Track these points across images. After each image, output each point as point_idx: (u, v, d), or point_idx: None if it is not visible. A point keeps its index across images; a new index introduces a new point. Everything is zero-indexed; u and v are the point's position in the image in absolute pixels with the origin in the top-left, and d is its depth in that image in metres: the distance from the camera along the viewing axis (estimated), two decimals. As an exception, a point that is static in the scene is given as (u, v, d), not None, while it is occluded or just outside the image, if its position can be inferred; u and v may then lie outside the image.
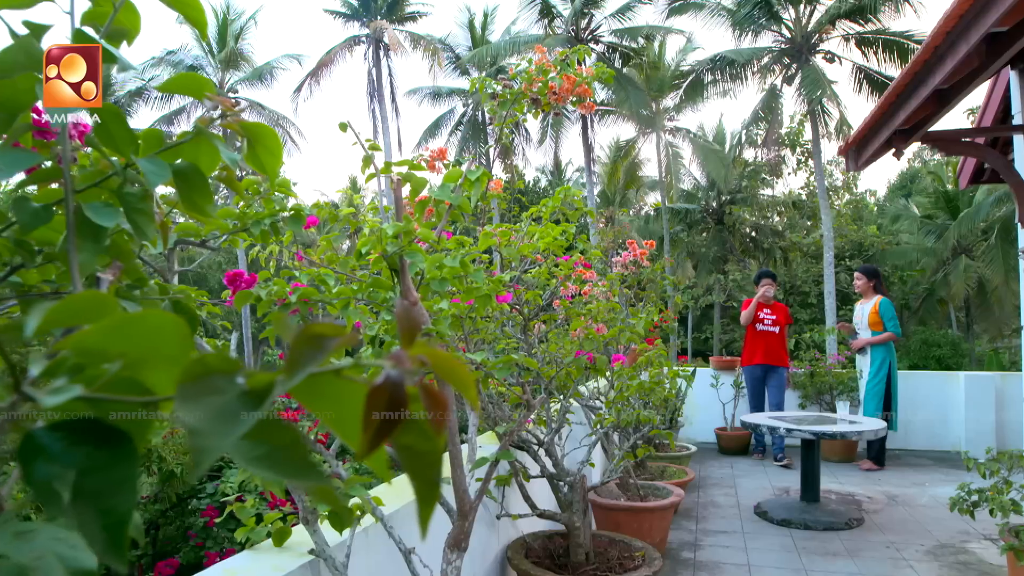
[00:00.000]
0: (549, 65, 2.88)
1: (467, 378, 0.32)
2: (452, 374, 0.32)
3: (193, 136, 0.91)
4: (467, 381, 0.32)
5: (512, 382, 2.79)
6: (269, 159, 0.99)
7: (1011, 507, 3.06)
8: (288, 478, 0.30)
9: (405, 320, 0.32)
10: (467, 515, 1.56)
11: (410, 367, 0.30)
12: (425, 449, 0.31)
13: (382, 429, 0.29)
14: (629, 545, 3.03)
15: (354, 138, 1.72)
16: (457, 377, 0.32)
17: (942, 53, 2.79)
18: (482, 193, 3.27)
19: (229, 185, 1.20)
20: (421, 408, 0.30)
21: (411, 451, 0.31)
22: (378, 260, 1.45)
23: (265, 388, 0.29)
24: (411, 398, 0.30)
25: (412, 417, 0.30)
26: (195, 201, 0.93)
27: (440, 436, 0.31)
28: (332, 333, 0.30)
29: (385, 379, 0.29)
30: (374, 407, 0.28)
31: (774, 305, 6.82)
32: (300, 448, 0.31)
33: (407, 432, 0.30)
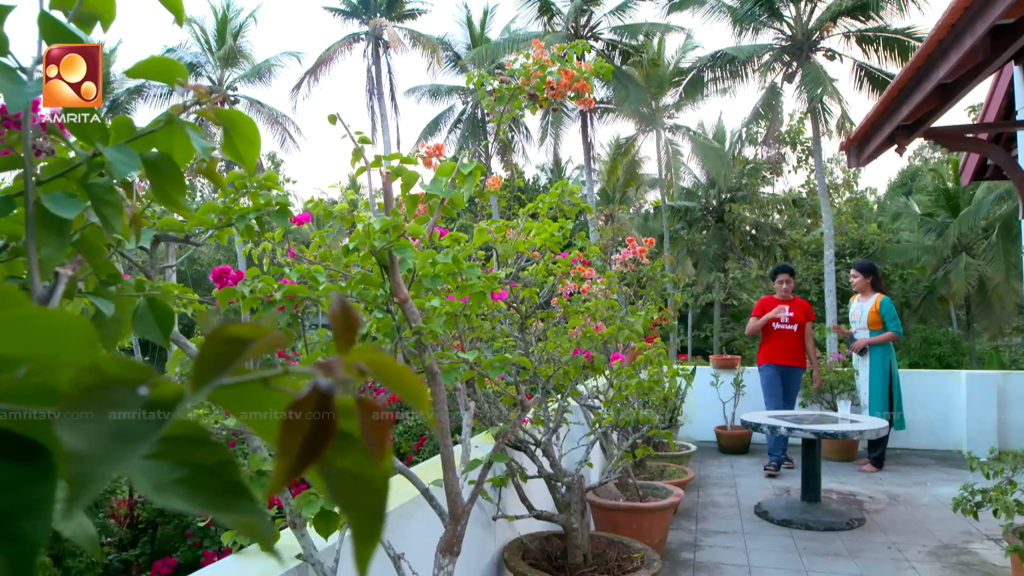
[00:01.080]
0: (547, 60, 2.83)
1: (416, 387, 0.27)
2: (399, 383, 0.27)
3: (165, 124, 0.86)
4: (416, 391, 0.27)
5: (510, 381, 2.74)
6: (247, 148, 0.94)
7: (1016, 508, 3.01)
8: (209, 509, 0.26)
9: (339, 319, 0.27)
10: (459, 519, 1.51)
11: (343, 376, 0.25)
12: (367, 475, 0.27)
13: (306, 451, 0.24)
14: (628, 546, 2.99)
15: (344, 131, 1.67)
16: (404, 386, 0.27)
17: (946, 47, 2.74)
18: (477, 188, 3.22)
19: (210, 178, 1.15)
20: (356, 425, 0.25)
21: (350, 477, 0.27)
22: (367, 256, 1.40)
23: (173, 399, 0.24)
24: (346, 412, 0.25)
25: (348, 436, 0.25)
26: (168, 193, 0.88)
27: (383, 458, 0.26)
28: (251, 335, 0.25)
29: (310, 391, 0.24)
30: (295, 425, 0.24)
31: (793, 301, 6.38)
32: (229, 470, 0.26)
33: (345, 453, 0.26)
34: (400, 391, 0.28)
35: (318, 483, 0.27)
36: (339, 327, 0.27)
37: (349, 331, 0.27)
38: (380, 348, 0.28)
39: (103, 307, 0.97)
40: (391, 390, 0.28)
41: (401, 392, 0.28)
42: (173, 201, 0.89)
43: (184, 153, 0.93)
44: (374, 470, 0.27)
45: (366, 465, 0.26)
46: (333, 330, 0.27)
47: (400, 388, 0.27)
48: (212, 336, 0.25)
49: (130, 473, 0.23)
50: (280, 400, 0.26)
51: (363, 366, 0.26)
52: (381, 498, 0.27)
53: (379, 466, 0.26)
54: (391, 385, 0.27)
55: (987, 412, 6.87)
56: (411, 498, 1.93)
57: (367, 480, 0.27)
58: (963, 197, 22.44)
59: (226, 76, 24.35)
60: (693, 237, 23.37)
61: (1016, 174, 3.86)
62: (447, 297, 1.85)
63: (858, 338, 6.24)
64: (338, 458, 0.26)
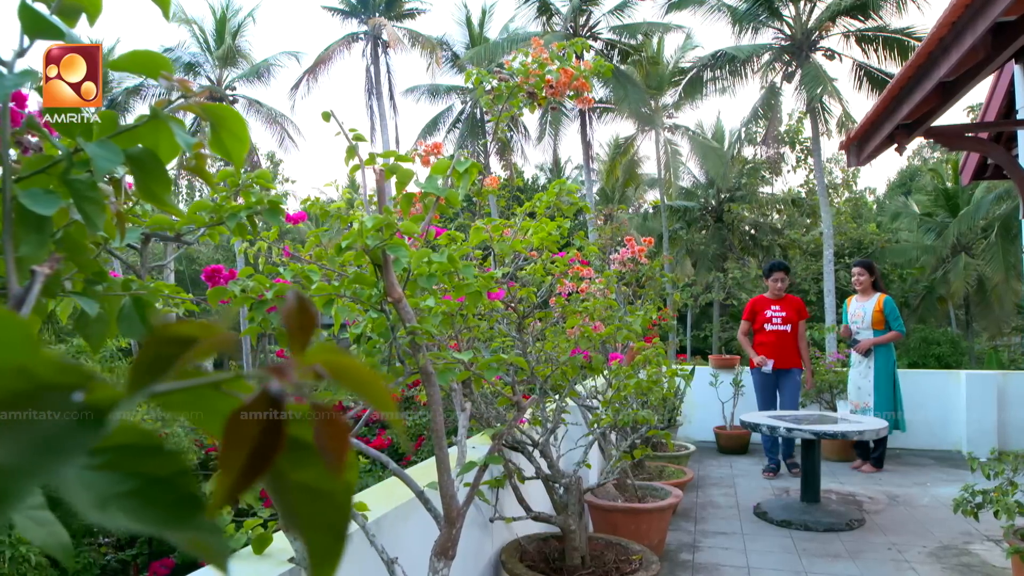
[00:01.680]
0: (546, 59, 2.81)
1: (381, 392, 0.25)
2: (362, 386, 0.25)
3: (149, 119, 0.84)
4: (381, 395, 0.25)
5: (508, 381, 2.72)
6: (235, 144, 0.92)
7: (1017, 509, 2.99)
8: (158, 525, 0.23)
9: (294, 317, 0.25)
10: (454, 522, 1.49)
11: (297, 380, 0.23)
12: (328, 489, 0.24)
13: (253, 465, 0.22)
14: (626, 548, 2.97)
15: (338, 129, 1.65)
16: (368, 390, 0.25)
17: (947, 44, 2.72)
18: (475, 187, 3.20)
19: (199, 175, 1.13)
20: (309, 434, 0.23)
21: (308, 492, 0.24)
22: (360, 255, 1.38)
23: (110, 406, 0.22)
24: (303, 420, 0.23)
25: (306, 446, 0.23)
26: (152, 189, 0.86)
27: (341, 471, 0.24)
28: (196, 334, 0.23)
29: (257, 397, 0.22)
30: (239, 436, 0.21)
31: (784, 299, 6.19)
32: (184, 482, 0.24)
33: (303, 465, 0.23)
34: (364, 395, 0.25)
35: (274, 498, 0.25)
36: (294, 326, 0.25)
37: (305, 330, 0.25)
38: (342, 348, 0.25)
39: (87, 307, 0.95)
40: (354, 394, 0.26)
41: (365, 396, 0.26)
42: (158, 198, 0.86)
43: (170, 149, 0.90)
44: (335, 484, 0.24)
45: (327, 478, 0.24)
46: (287, 329, 0.25)
47: (364, 392, 0.25)
48: (153, 336, 0.23)
49: (64, 486, 0.21)
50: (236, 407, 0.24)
51: (320, 368, 0.23)
52: (343, 515, 0.25)
53: (341, 479, 0.24)
54: (354, 389, 0.25)
55: (987, 412, 6.85)
56: (406, 500, 1.91)
57: (327, 495, 0.25)
58: (962, 197, 22.42)
59: (225, 76, 24.30)
60: (692, 237, 23.35)
61: (1016, 173, 3.84)
62: (444, 297, 1.83)
63: (861, 339, 6.07)
64: (294, 470, 0.24)
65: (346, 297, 1.57)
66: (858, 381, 6.11)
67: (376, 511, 1.79)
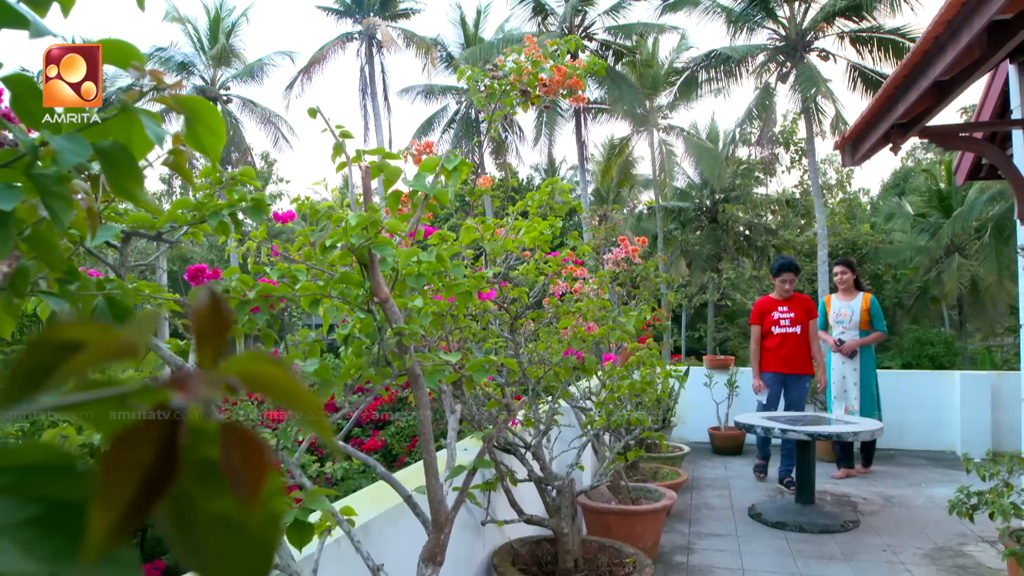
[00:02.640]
0: (539, 56, 2.78)
1: (311, 405, 0.22)
2: (290, 399, 0.22)
3: (120, 112, 0.81)
4: (312, 409, 0.22)
5: (500, 382, 2.69)
6: (210, 138, 0.88)
7: (1012, 511, 2.97)
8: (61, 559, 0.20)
9: (204, 319, 0.22)
10: (443, 527, 1.46)
11: (203, 394, 0.20)
12: (249, 522, 0.21)
13: (143, 496, 0.18)
14: (619, 551, 2.94)
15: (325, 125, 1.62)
16: (297, 403, 0.22)
17: (943, 43, 2.70)
18: (467, 187, 3.17)
19: (178, 171, 1.10)
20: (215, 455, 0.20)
21: (223, 525, 0.21)
22: (345, 254, 1.35)
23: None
24: (208, 438, 0.20)
25: (212, 470, 0.20)
26: (123, 185, 0.82)
27: (254, 503, 0.20)
28: (86, 337, 0.19)
29: (146, 416, 0.19)
30: (126, 461, 0.18)
31: (792, 299, 5.79)
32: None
33: (219, 494, 0.20)
34: (293, 408, 0.22)
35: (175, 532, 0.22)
36: (204, 329, 0.22)
37: (217, 334, 0.21)
38: (265, 354, 0.22)
39: (55, 306, 0.92)
40: (281, 407, 0.22)
41: (294, 411, 0.22)
42: (129, 193, 0.83)
43: (143, 143, 0.87)
44: (259, 516, 0.21)
45: (242, 510, 0.21)
46: (195, 333, 0.22)
47: (293, 405, 0.22)
48: (38, 339, 0.19)
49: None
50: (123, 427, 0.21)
51: (234, 380, 0.20)
52: (264, 555, 0.22)
53: (266, 510, 0.21)
54: (281, 402, 0.22)
55: (981, 413, 6.85)
56: (396, 504, 1.88)
57: (246, 530, 0.21)
58: (956, 198, 22.48)
59: (219, 75, 24.21)
60: (687, 237, 23.35)
61: (1011, 173, 3.82)
62: (434, 297, 1.80)
63: (847, 339, 5.81)
64: (208, 500, 0.20)
65: (334, 297, 1.54)
66: (843, 385, 5.87)
67: (364, 515, 1.76)
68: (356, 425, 5.53)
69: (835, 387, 5.90)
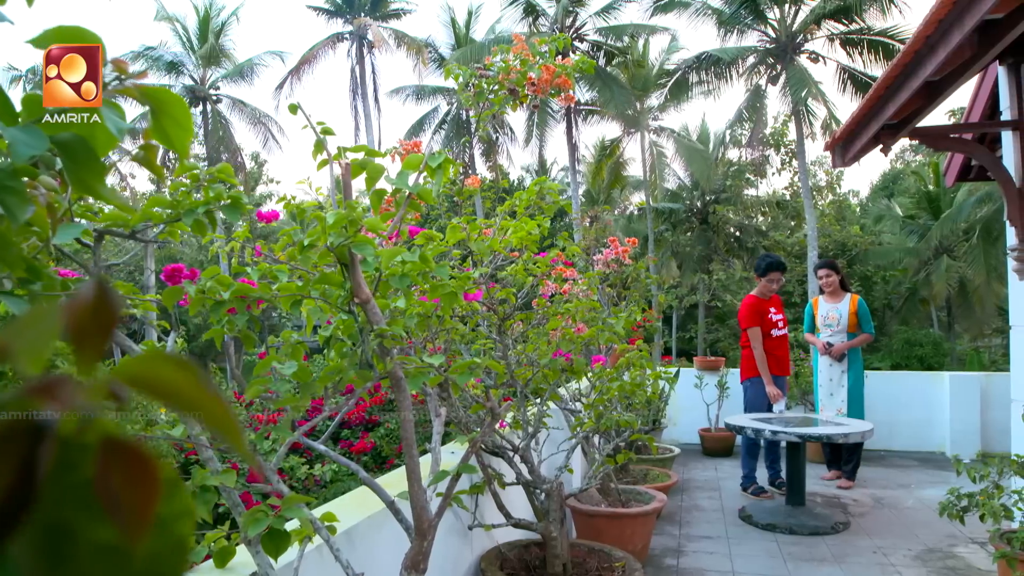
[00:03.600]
0: (528, 54, 2.75)
1: (221, 413, 0.19)
2: (190, 405, 0.18)
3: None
4: (222, 418, 0.19)
5: (490, 384, 2.65)
6: (177, 132, 0.84)
7: (1003, 513, 2.96)
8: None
9: (84, 317, 0.18)
10: (425, 534, 1.42)
11: (79, 403, 0.16)
12: (148, 552, 0.18)
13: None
14: (609, 555, 2.91)
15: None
16: (200, 409, 0.19)
17: (934, 43, 2.68)
18: (456, 187, 3.12)
19: (148, 167, 1.06)
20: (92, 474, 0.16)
21: (114, 559, 0.17)
22: (325, 254, 1.31)
23: None
24: (89, 455, 0.16)
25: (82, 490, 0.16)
26: (84, 180, 0.78)
27: (137, 534, 0.17)
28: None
29: (8, 429, 0.15)
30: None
31: (774, 299, 5.64)
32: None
33: (104, 522, 0.17)
34: (199, 418, 0.19)
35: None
36: (82, 325, 0.18)
37: (99, 333, 0.18)
38: (166, 355, 0.19)
39: (13, 307, 0.88)
40: (180, 415, 0.19)
41: (200, 419, 0.19)
42: (90, 188, 0.79)
43: (107, 137, 0.83)
44: (160, 543, 0.18)
45: (120, 537, 0.17)
46: (72, 331, 0.18)
47: (195, 410, 0.19)
48: None
49: None
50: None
51: (119, 386, 0.17)
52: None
53: (168, 536, 0.17)
54: (183, 410, 0.18)
55: (970, 413, 6.86)
56: (380, 509, 1.84)
57: (144, 563, 0.18)
58: (944, 200, 22.61)
59: (208, 75, 24.08)
60: (677, 239, 23.38)
61: (1001, 174, 3.82)
62: (421, 298, 1.76)
63: (835, 342, 5.64)
64: (93, 528, 0.17)
65: (316, 298, 1.50)
66: (830, 388, 5.70)
67: (347, 521, 1.72)
68: (345, 427, 5.47)
69: (823, 390, 5.76)
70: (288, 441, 1.37)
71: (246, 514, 1.17)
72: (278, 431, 1.34)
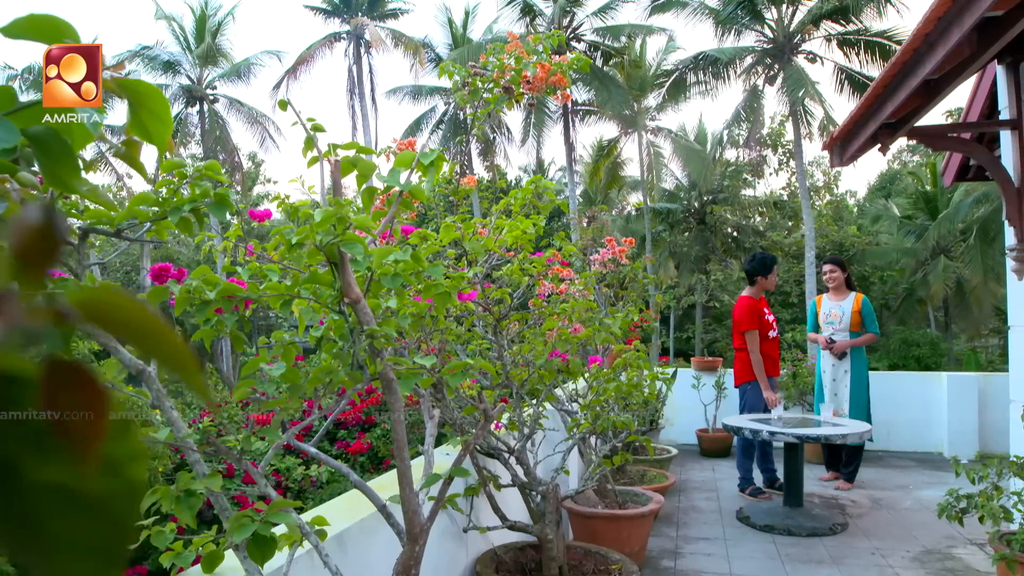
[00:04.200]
0: (522, 52, 2.72)
1: (171, 345, 0.17)
2: (141, 336, 0.16)
3: (52, 94, 0.74)
4: (172, 350, 0.17)
5: (486, 384, 2.62)
6: (156, 125, 0.82)
7: (1002, 515, 2.94)
8: None
9: (28, 237, 0.16)
10: (417, 539, 1.39)
11: (22, 321, 0.14)
12: (97, 493, 0.16)
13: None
14: (605, 557, 2.88)
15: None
16: (151, 340, 0.17)
17: (933, 40, 2.66)
18: (450, 185, 3.09)
19: (129, 163, 1.03)
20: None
21: (63, 500, 0.15)
22: (315, 252, 1.28)
23: None
24: (32, 385, 0.14)
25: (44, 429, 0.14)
26: (57, 174, 0.75)
27: (87, 460, 0.15)
28: None
29: None
30: None
31: (763, 300, 5.58)
32: None
33: (52, 460, 0.15)
34: (149, 350, 0.17)
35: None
36: (27, 245, 0.16)
37: (41, 254, 0.16)
38: (120, 289, 0.17)
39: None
40: (136, 348, 0.18)
41: (151, 352, 0.17)
42: (65, 184, 0.76)
43: (84, 131, 0.81)
44: (111, 484, 0.15)
45: (98, 478, 0.15)
46: (15, 249, 0.16)
47: (148, 345, 0.17)
48: None
49: None
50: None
51: (67, 306, 0.15)
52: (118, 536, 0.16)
53: (119, 477, 0.15)
54: (134, 342, 0.17)
55: (968, 414, 6.85)
56: (372, 512, 1.81)
57: (94, 504, 0.16)
58: (941, 200, 22.62)
59: (205, 75, 24.03)
60: (675, 239, 23.37)
61: (999, 174, 3.80)
62: (415, 298, 1.73)
63: (837, 339, 5.58)
64: (39, 467, 0.15)
65: (307, 297, 1.47)
66: (833, 388, 5.63)
67: (339, 525, 1.69)
68: (342, 427, 5.44)
69: (825, 390, 5.70)
70: (277, 444, 1.34)
71: (231, 519, 1.14)
72: (268, 432, 1.31)
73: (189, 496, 1.12)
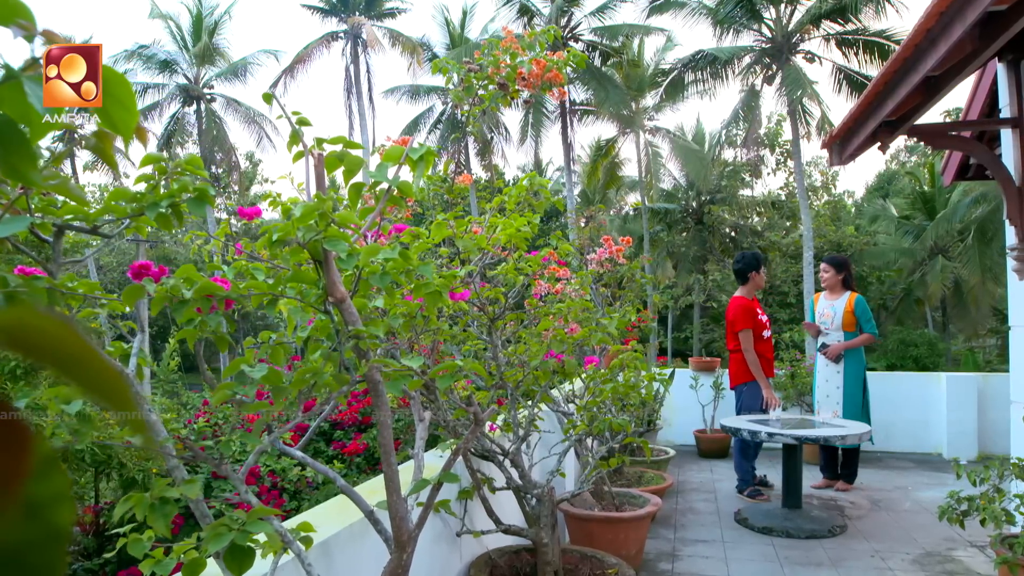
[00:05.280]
0: (517, 47, 2.67)
1: (101, 369, 0.16)
2: (68, 364, 0.16)
3: (5, 80, 0.69)
4: (97, 373, 0.16)
5: (481, 385, 2.58)
6: (121, 113, 0.77)
7: (1004, 517, 2.90)
8: None
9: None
10: (405, 546, 1.35)
11: None
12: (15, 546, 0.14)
13: None
14: (602, 561, 2.84)
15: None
16: (79, 368, 0.16)
17: (935, 36, 2.62)
18: (444, 184, 3.04)
19: (102, 157, 0.98)
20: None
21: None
22: (297, 250, 1.24)
23: None
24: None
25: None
26: (14, 165, 0.70)
27: (12, 501, 0.14)
28: None
29: None
30: None
31: (755, 300, 5.55)
32: None
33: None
34: (74, 376, 0.16)
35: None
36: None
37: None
38: (38, 307, 0.20)
39: (-62, 307, 0.80)
40: (59, 375, 0.16)
41: (78, 380, 0.17)
42: (22, 175, 0.71)
43: (42, 120, 0.76)
44: (34, 531, 0.14)
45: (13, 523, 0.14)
46: None
47: (75, 374, 0.16)
48: None
49: None
50: None
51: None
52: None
53: (42, 523, 0.14)
54: (59, 370, 0.16)
55: (967, 415, 6.81)
56: (360, 518, 1.76)
57: (14, 556, 0.14)
58: (939, 200, 22.63)
59: (202, 74, 23.97)
60: (673, 239, 23.34)
61: (1000, 172, 3.76)
62: (406, 297, 1.69)
63: (830, 341, 5.51)
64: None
65: (293, 297, 1.42)
66: (826, 389, 5.55)
67: (326, 531, 1.64)
68: (338, 427, 5.39)
69: (819, 391, 5.63)
70: (258, 448, 1.30)
71: (208, 528, 1.09)
72: (249, 438, 1.27)
73: (164, 504, 1.08)
